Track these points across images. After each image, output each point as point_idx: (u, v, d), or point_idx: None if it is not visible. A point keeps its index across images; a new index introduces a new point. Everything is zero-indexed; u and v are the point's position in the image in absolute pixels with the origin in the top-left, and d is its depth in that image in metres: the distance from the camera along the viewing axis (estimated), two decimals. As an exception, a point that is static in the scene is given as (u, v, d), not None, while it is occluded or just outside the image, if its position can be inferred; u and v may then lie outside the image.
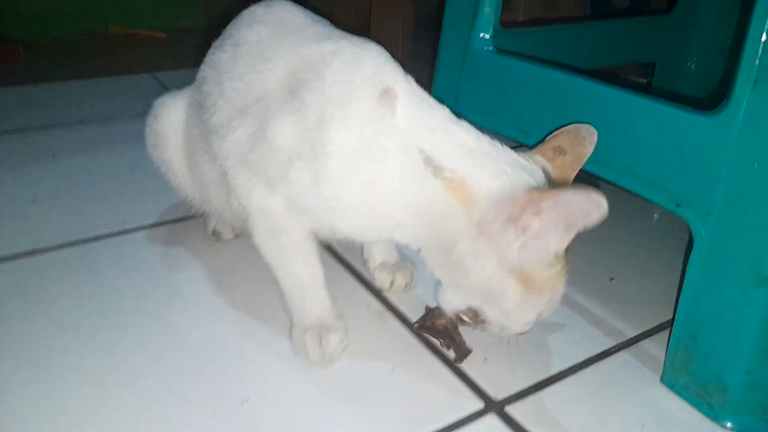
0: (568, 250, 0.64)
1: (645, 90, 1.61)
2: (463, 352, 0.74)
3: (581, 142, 0.68)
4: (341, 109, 0.63)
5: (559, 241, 0.59)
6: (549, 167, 0.67)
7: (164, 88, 1.59)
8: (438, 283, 0.72)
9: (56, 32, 1.88)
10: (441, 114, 0.65)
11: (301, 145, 0.65)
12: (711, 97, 1.16)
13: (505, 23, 0.90)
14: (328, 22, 0.82)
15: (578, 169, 0.69)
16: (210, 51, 0.83)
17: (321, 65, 0.66)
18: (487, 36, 0.88)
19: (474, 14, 0.88)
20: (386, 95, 0.63)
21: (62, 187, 1.10)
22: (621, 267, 0.95)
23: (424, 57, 1.47)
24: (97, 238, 0.95)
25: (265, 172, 0.69)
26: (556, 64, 1.18)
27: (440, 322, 0.75)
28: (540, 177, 0.64)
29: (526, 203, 0.57)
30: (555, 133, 0.70)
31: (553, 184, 0.66)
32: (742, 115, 0.58)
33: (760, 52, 0.55)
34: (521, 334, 0.70)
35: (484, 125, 0.92)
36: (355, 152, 0.63)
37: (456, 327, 0.74)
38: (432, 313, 0.76)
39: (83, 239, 0.94)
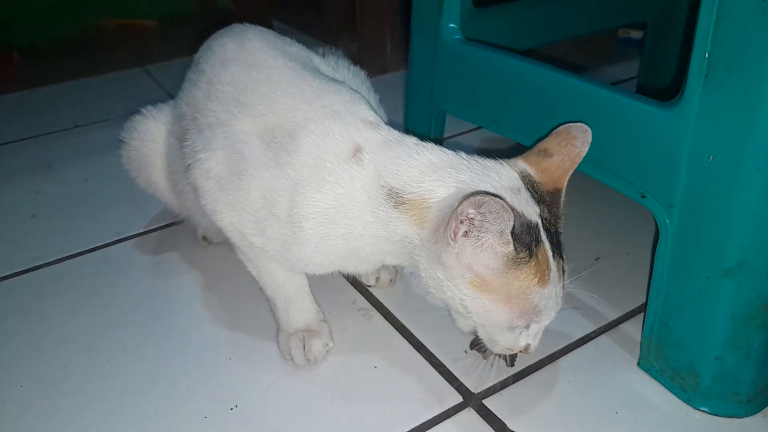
0: (543, 257, 0.60)
1: (639, 46, 1.58)
2: (512, 357, 0.73)
3: (571, 142, 0.65)
4: (315, 173, 0.66)
5: (499, 243, 0.58)
6: (531, 171, 0.66)
7: (155, 82, 1.62)
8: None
9: (51, 33, 1.88)
10: (406, 143, 0.66)
11: (278, 205, 0.67)
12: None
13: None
14: (301, 46, 0.82)
15: (570, 169, 0.66)
16: (185, 84, 0.84)
17: (296, 129, 0.68)
18: (455, 25, 0.86)
19: (439, 3, 0.86)
20: (355, 154, 0.66)
21: (59, 199, 1.13)
22: (607, 246, 0.95)
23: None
24: (92, 250, 0.98)
25: (242, 213, 0.71)
26: (541, 38, 1.16)
27: None
28: (510, 181, 0.63)
29: (455, 209, 0.57)
30: (548, 134, 0.67)
31: (534, 186, 0.64)
32: (696, 108, 0.57)
33: (709, 45, 0.54)
34: (524, 350, 0.66)
35: (458, 116, 0.93)
36: (332, 210, 0.66)
37: None
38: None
39: (79, 252, 0.98)
